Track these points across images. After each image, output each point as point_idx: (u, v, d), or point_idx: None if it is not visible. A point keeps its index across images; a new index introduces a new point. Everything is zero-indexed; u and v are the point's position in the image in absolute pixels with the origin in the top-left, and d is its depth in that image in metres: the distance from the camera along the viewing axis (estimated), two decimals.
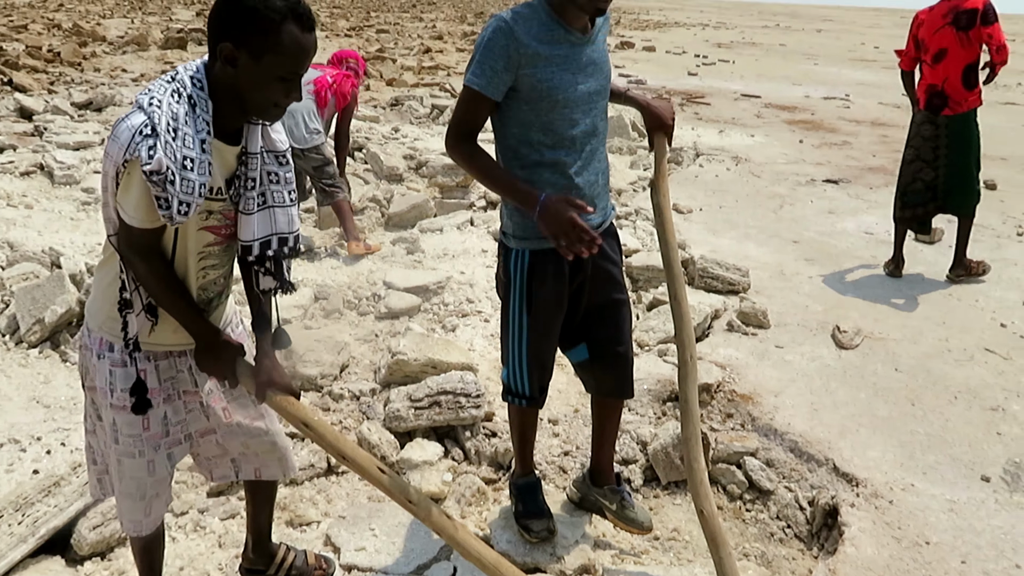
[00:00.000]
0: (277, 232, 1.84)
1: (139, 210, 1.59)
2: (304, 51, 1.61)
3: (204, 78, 1.64)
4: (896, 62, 5.27)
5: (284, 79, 1.62)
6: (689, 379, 2.25)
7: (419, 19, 34.25)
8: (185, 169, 1.56)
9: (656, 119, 2.44)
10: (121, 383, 1.80)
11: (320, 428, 1.81)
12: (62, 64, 13.04)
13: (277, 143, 1.82)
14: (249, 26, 1.56)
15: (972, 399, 3.56)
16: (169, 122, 1.55)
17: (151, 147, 1.51)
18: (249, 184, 1.76)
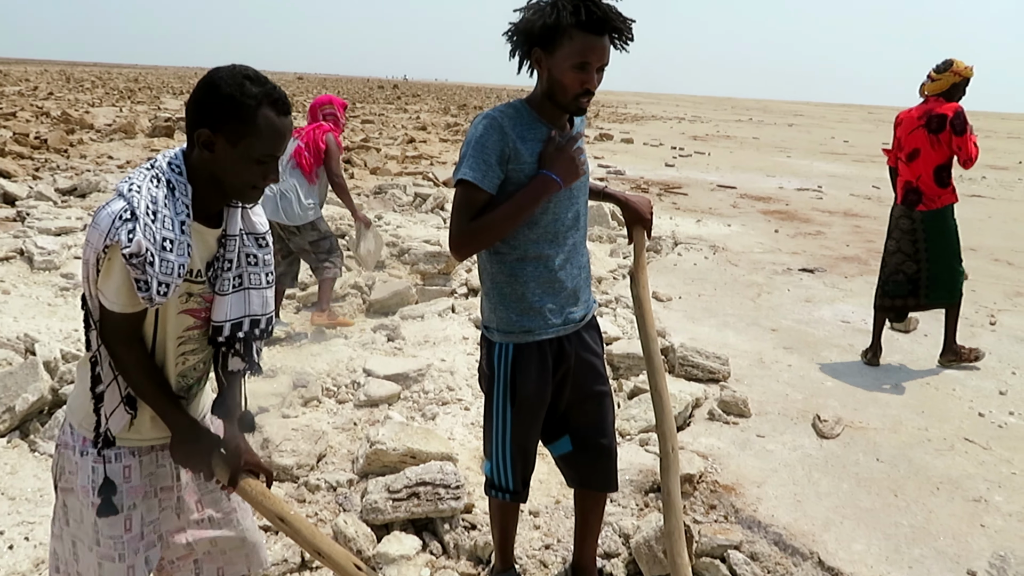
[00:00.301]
0: (250, 314, 1.83)
1: (120, 295, 1.60)
2: (280, 134, 1.65)
3: (183, 163, 1.67)
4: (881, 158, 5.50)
5: (261, 162, 1.65)
6: (671, 471, 2.23)
7: (403, 110, 35.15)
8: (164, 250, 1.57)
9: (635, 213, 2.51)
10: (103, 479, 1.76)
11: (295, 523, 1.76)
12: (49, 151, 13.19)
13: (257, 225, 1.83)
14: (226, 112, 1.60)
15: (954, 490, 3.54)
16: (148, 205, 1.57)
17: (130, 231, 1.53)
18: (226, 265, 1.76)
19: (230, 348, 1.86)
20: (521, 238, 2.19)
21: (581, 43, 2.01)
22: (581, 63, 2.03)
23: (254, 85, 1.61)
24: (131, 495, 1.79)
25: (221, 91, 1.60)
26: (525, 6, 2.12)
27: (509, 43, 2.16)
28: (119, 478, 1.77)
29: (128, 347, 1.68)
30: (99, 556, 1.79)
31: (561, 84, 2.07)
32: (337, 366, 4.59)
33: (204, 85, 1.63)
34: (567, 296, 2.28)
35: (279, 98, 1.64)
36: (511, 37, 2.14)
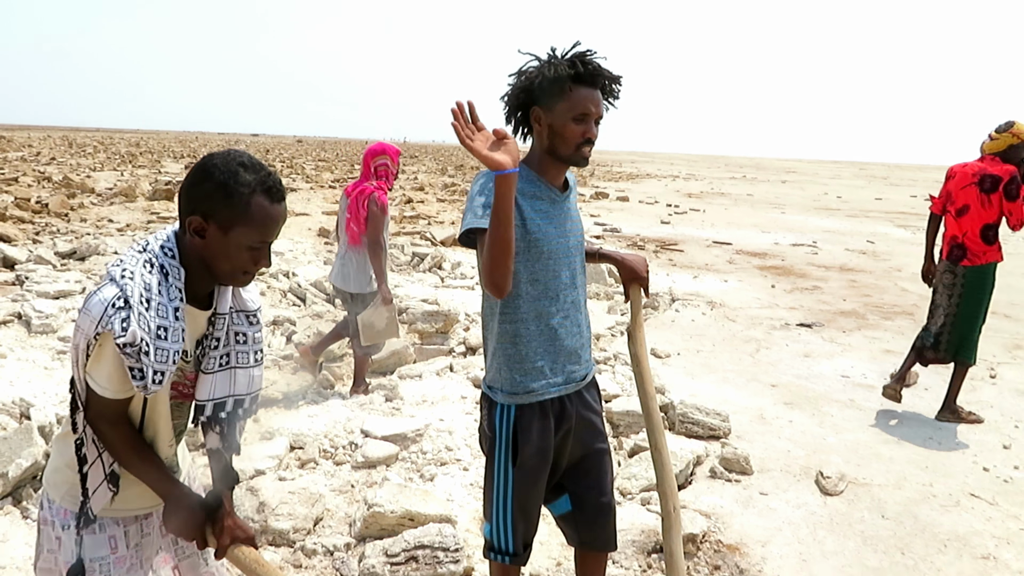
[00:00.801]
0: (234, 394, 1.80)
1: (112, 381, 1.58)
2: (273, 222, 1.63)
3: (175, 246, 1.65)
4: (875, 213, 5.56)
5: (253, 248, 1.63)
6: (673, 531, 2.20)
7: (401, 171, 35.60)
8: (159, 339, 1.55)
9: (631, 271, 2.53)
10: (90, 552, 1.73)
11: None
12: (49, 215, 13.29)
13: (248, 302, 1.81)
14: (218, 200, 1.58)
15: (962, 547, 3.48)
16: (142, 293, 1.55)
17: (124, 319, 1.51)
18: (213, 344, 1.74)
19: (210, 426, 1.82)
20: (523, 295, 2.20)
21: (579, 96, 2.12)
22: (581, 115, 2.13)
23: (248, 173, 1.60)
24: (117, 566, 1.76)
25: (214, 178, 1.59)
26: (519, 70, 2.21)
27: (507, 105, 2.23)
28: (105, 549, 1.74)
29: (115, 427, 1.66)
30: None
31: (563, 137, 2.15)
32: (335, 427, 4.54)
33: (197, 171, 1.62)
34: (568, 355, 2.28)
35: (272, 185, 1.62)
36: (510, 98, 2.22)
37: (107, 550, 1.74)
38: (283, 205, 1.65)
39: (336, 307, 7.31)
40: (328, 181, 25.61)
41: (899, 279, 11.18)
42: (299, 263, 9.66)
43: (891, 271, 11.95)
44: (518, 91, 2.20)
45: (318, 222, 14.55)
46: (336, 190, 22.31)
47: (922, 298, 9.61)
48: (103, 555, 1.74)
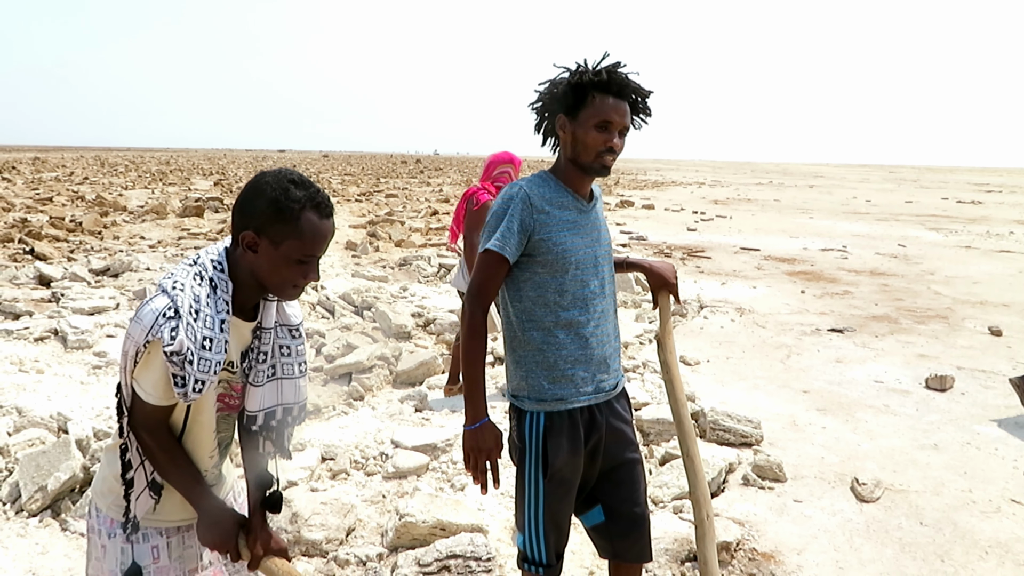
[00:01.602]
0: (283, 403, 1.86)
1: (157, 388, 1.63)
2: (322, 236, 1.68)
3: (224, 260, 1.71)
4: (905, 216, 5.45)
5: (302, 262, 1.68)
6: (707, 539, 2.18)
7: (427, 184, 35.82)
8: (204, 349, 1.61)
9: (659, 278, 2.52)
10: (138, 559, 1.77)
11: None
12: (83, 233, 13.56)
13: (291, 317, 1.87)
14: (270, 216, 1.64)
15: (1004, 554, 3.41)
16: (191, 304, 1.61)
17: (173, 328, 1.57)
18: (261, 357, 1.80)
19: (262, 435, 1.88)
20: (552, 305, 2.20)
21: (602, 104, 2.13)
22: (603, 123, 2.14)
23: (298, 189, 1.65)
24: (158, 575, 1.78)
25: (266, 195, 1.64)
26: (548, 79, 2.24)
27: (535, 112, 2.26)
28: (147, 559, 1.78)
29: (154, 434, 1.70)
30: None
31: (584, 144, 2.16)
32: (365, 438, 4.57)
33: (250, 189, 1.68)
34: (598, 364, 2.27)
35: (322, 201, 1.68)
36: (538, 105, 2.25)
37: (149, 559, 1.78)
38: (332, 220, 1.71)
39: (364, 319, 7.36)
40: (355, 195, 25.83)
41: (932, 282, 11.00)
42: (327, 276, 9.74)
43: (924, 275, 11.77)
44: (546, 96, 2.23)
45: (345, 236, 14.67)
46: (363, 203, 22.50)
47: (956, 301, 9.46)
48: (145, 564, 1.77)
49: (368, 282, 9.25)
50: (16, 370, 5.46)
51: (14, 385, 5.09)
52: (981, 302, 9.48)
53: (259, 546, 1.78)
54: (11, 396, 4.85)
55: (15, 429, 4.32)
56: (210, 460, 1.84)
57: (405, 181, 37.97)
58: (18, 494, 3.67)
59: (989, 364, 6.53)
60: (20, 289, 8.43)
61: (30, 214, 15.99)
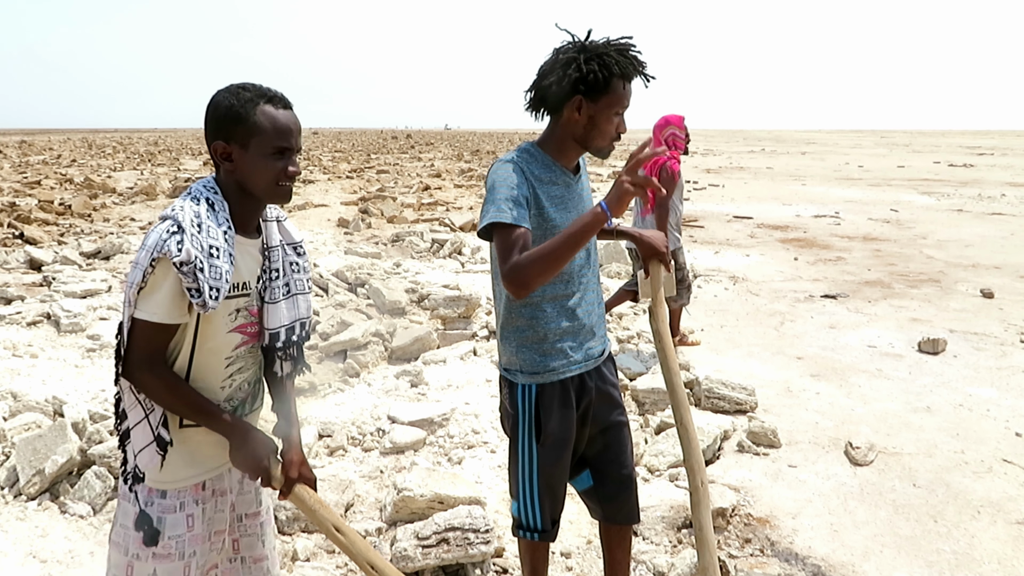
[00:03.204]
0: (300, 318, 1.93)
1: (162, 305, 1.64)
2: (283, 125, 1.73)
3: (215, 185, 1.76)
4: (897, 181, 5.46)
5: (275, 155, 1.72)
6: (702, 506, 2.20)
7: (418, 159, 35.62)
8: (212, 257, 1.65)
9: (649, 248, 2.51)
10: (170, 531, 1.78)
11: (351, 535, 1.82)
12: (73, 216, 13.46)
13: (293, 235, 1.94)
14: (230, 121, 1.71)
15: (996, 513, 3.45)
16: (192, 218, 1.65)
17: (179, 241, 1.61)
18: (274, 275, 1.86)
19: (283, 353, 1.93)
20: None
21: (621, 94, 2.14)
22: (621, 110, 2.16)
23: (246, 91, 1.72)
24: (192, 543, 1.81)
25: (221, 105, 1.71)
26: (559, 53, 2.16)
27: (556, 86, 2.14)
28: (182, 527, 1.79)
29: (152, 372, 1.69)
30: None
31: (602, 130, 2.16)
32: (362, 414, 4.58)
33: (208, 107, 1.75)
34: (585, 333, 2.29)
35: (274, 95, 1.73)
36: (551, 80, 2.14)
37: (184, 528, 1.80)
38: (290, 112, 1.75)
39: (358, 296, 7.35)
40: (345, 172, 25.67)
41: (924, 246, 11.03)
42: (320, 254, 9.71)
43: (916, 239, 11.79)
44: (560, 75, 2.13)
45: (337, 213, 14.61)
46: (354, 180, 22.37)
47: (948, 265, 9.49)
48: (179, 533, 1.79)
49: (361, 259, 9.22)
50: (10, 355, 5.45)
51: (8, 370, 5.08)
52: (973, 265, 9.51)
53: (294, 468, 1.84)
54: (6, 381, 4.84)
55: (11, 414, 4.31)
56: (221, 392, 1.83)
57: (396, 157, 37.75)
58: (16, 478, 3.68)
59: (981, 326, 6.56)
60: (11, 274, 8.39)
61: (18, 198, 15.87)
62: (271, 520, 2.07)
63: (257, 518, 2.01)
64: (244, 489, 1.97)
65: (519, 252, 2.01)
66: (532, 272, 1.98)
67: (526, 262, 1.98)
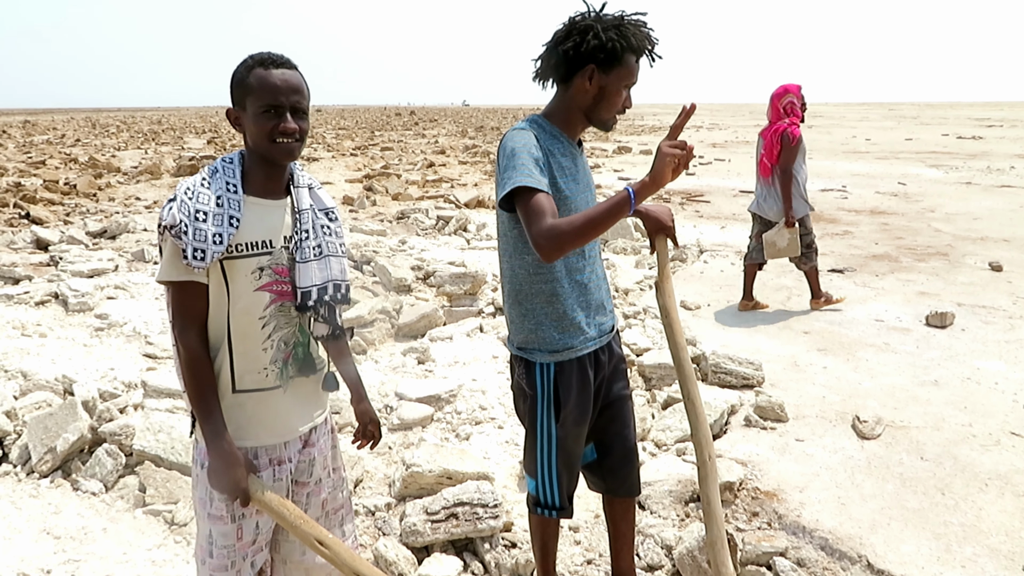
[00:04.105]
0: (333, 279, 1.96)
1: (164, 264, 1.77)
2: (272, 83, 1.79)
3: (237, 156, 1.88)
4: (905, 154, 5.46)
5: (266, 113, 1.79)
6: (709, 479, 2.20)
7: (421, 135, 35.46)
8: (197, 220, 1.73)
9: (656, 222, 2.49)
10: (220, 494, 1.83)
11: (334, 546, 1.80)
12: (78, 196, 13.47)
13: (324, 200, 2.00)
14: (234, 88, 1.84)
15: (1004, 485, 3.45)
16: (187, 188, 1.77)
17: (170, 208, 1.74)
18: (304, 235, 1.90)
19: (316, 313, 1.96)
20: None
21: (632, 68, 2.15)
22: (630, 84, 2.17)
23: (250, 58, 1.83)
24: (241, 506, 1.84)
25: (233, 75, 1.85)
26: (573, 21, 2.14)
27: (573, 51, 2.11)
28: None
29: (183, 336, 1.78)
30: (211, 568, 1.89)
31: (610, 102, 2.17)
32: (369, 391, 4.58)
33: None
34: (596, 308, 2.30)
35: (267, 58, 1.82)
36: (577, 47, 2.11)
37: None
38: (281, 71, 1.82)
39: (364, 273, 7.35)
40: (349, 149, 25.58)
41: (932, 220, 10.96)
42: None
43: (924, 212, 11.72)
44: (578, 42, 2.10)
45: (342, 190, 14.58)
46: (357, 157, 22.31)
47: (956, 238, 9.43)
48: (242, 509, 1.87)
49: (366, 236, 9.21)
50: (19, 334, 5.47)
51: (18, 349, 5.10)
52: (981, 238, 9.45)
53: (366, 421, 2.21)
54: (15, 360, 4.87)
55: (21, 392, 4.35)
56: (265, 355, 1.87)
57: (400, 134, 37.58)
58: (28, 456, 3.72)
59: (989, 300, 6.54)
60: (18, 254, 8.40)
61: (23, 178, 15.87)
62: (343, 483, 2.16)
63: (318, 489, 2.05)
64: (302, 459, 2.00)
65: (551, 216, 1.95)
66: (570, 237, 1.92)
67: (567, 227, 1.92)
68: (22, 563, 2.96)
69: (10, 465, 3.73)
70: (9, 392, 4.26)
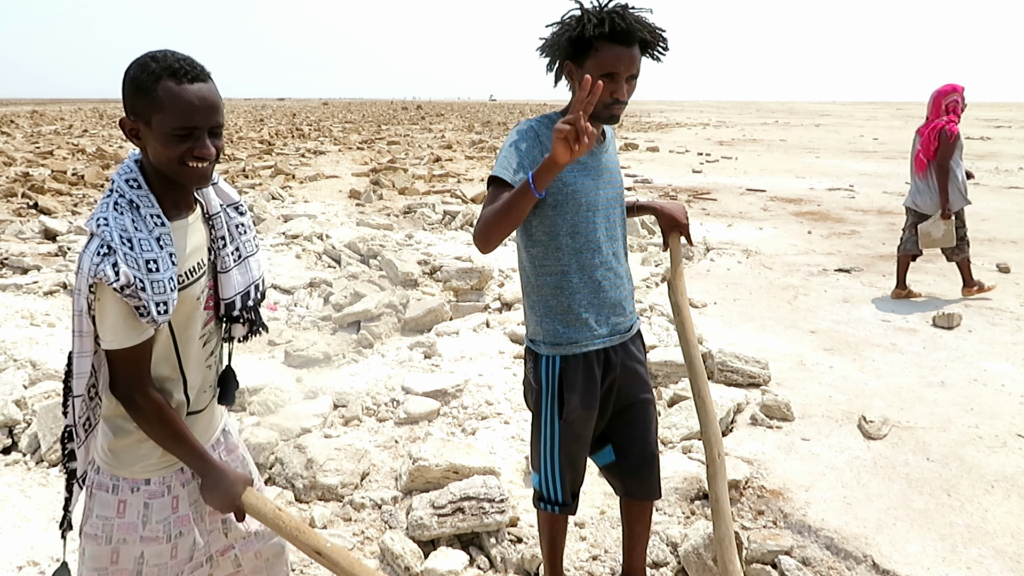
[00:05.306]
0: (253, 281, 1.88)
1: (117, 330, 1.56)
2: (187, 102, 1.55)
3: (137, 172, 1.63)
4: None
5: (178, 135, 1.56)
6: (718, 477, 2.21)
7: (428, 130, 35.44)
8: (151, 272, 1.54)
9: (670, 220, 2.50)
10: (156, 515, 1.76)
11: (333, 555, 1.75)
12: (86, 186, 13.51)
13: (230, 194, 1.85)
14: (132, 95, 1.56)
15: (1010, 487, 3.46)
16: (120, 235, 1.53)
17: (114, 264, 1.50)
18: (221, 243, 1.79)
19: (240, 319, 1.88)
20: (565, 248, 2.20)
21: (608, 54, 2.04)
22: (609, 73, 2.05)
23: (154, 62, 1.55)
24: (177, 524, 1.80)
25: (128, 77, 1.57)
26: (561, 19, 2.14)
27: (544, 56, 2.19)
28: (167, 511, 1.78)
29: (143, 394, 1.64)
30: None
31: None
32: (376, 385, 4.61)
33: (122, 79, 1.60)
34: (611, 306, 2.28)
35: (179, 67, 1.55)
36: (543, 51, 2.18)
37: (169, 511, 1.78)
38: (197, 86, 1.57)
39: (370, 267, 7.36)
40: (356, 143, 25.59)
41: None
42: (332, 225, 9.71)
43: None
44: (549, 45, 2.16)
45: (348, 184, 14.59)
46: (365, 151, 22.33)
47: None
48: (166, 516, 1.78)
49: (373, 230, 9.22)
50: (28, 324, 5.49)
51: (27, 339, 5.12)
52: (989, 239, 9.43)
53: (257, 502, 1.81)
54: (24, 349, 4.89)
55: (30, 382, 4.37)
56: (209, 371, 1.83)
57: (407, 128, 37.57)
58: (38, 445, 3.74)
59: (997, 301, 6.52)
60: (26, 243, 8.43)
61: (31, 168, 15.92)
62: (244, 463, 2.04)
63: None
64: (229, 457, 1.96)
65: None
66: (485, 227, 1.98)
67: (483, 217, 2.00)
68: (32, 551, 2.97)
69: (20, 454, 3.75)
70: (19, 381, 4.28)
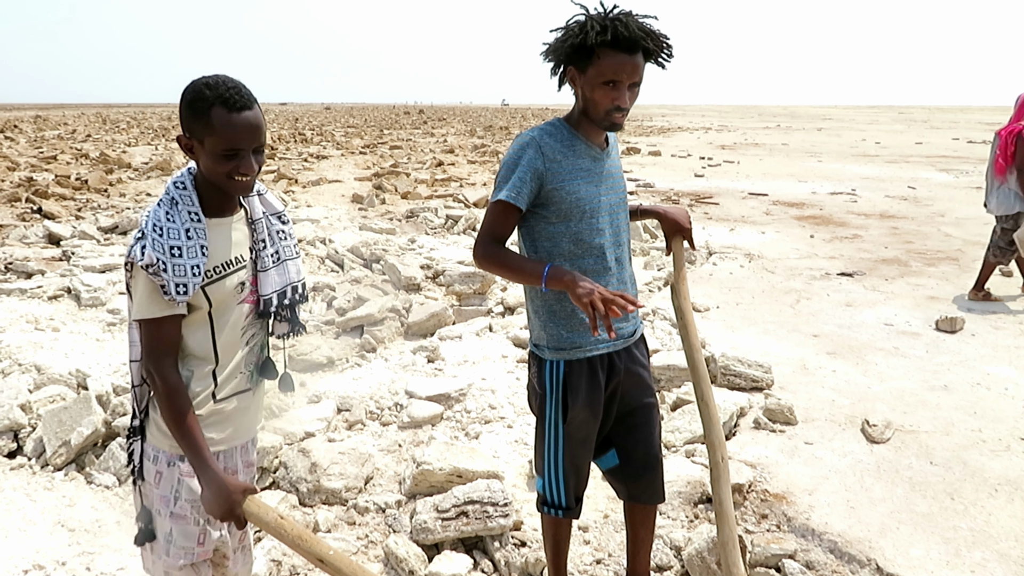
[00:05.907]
0: (290, 282, 2.05)
1: (142, 303, 1.78)
2: (235, 129, 1.76)
3: (187, 177, 1.87)
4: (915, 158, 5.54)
5: (227, 155, 1.77)
6: (722, 481, 2.21)
7: (430, 134, 35.48)
8: (174, 256, 1.76)
9: (673, 224, 2.51)
10: (187, 494, 1.88)
11: (335, 562, 1.74)
12: (89, 191, 13.53)
13: (275, 205, 2.06)
14: (189, 117, 1.78)
15: (1014, 491, 3.46)
16: (154, 224, 1.78)
17: (143, 247, 1.75)
18: (261, 244, 1.98)
19: (277, 316, 2.07)
20: (567, 255, 2.21)
21: (610, 61, 2.05)
22: (611, 81, 2.07)
23: (208, 89, 1.76)
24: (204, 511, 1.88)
25: (185, 100, 1.79)
26: (565, 24, 2.16)
27: (548, 61, 2.20)
28: (197, 493, 1.87)
29: (159, 369, 1.79)
30: (166, 567, 1.94)
31: (593, 101, 2.12)
32: (379, 389, 4.62)
33: (180, 100, 1.82)
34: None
35: (230, 97, 1.76)
36: (547, 56, 2.20)
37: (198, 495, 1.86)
38: (245, 114, 1.77)
39: (373, 272, 7.37)
40: (359, 148, 25.63)
41: (942, 224, 10.94)
42: (335, 229, 9.74)
43: (934, 216, 11.69)
44: (552, 50, 2.18)
45: (351, 188, 14.62)
46: (367, 156, 22.36)
47: (966, 243, 9.41)
48: (195, 498, 1.89)
49: (376, 235, 9.24)
50: (32, 328, 5.52)
51: (32, 343, 5.14)
52: None
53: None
54: (29, 354, 4.91)
55: (36, 386, 4.38)
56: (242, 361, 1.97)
57: (409, 132, 37.62)
58: (42, 449, 3.75)
59: (999, 305, 6.52)
60: (31, 248, 8.47)
61: (35, 173, 15.95)
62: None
63: None
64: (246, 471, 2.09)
65: (493, 240, 2.15)
66: (489, 267, 2.16)
67: (493, 259, 2.14)
68: (37, 555, 2.99)
69: (25, 458, 3.76)
70: (24, 385, 4.30)
